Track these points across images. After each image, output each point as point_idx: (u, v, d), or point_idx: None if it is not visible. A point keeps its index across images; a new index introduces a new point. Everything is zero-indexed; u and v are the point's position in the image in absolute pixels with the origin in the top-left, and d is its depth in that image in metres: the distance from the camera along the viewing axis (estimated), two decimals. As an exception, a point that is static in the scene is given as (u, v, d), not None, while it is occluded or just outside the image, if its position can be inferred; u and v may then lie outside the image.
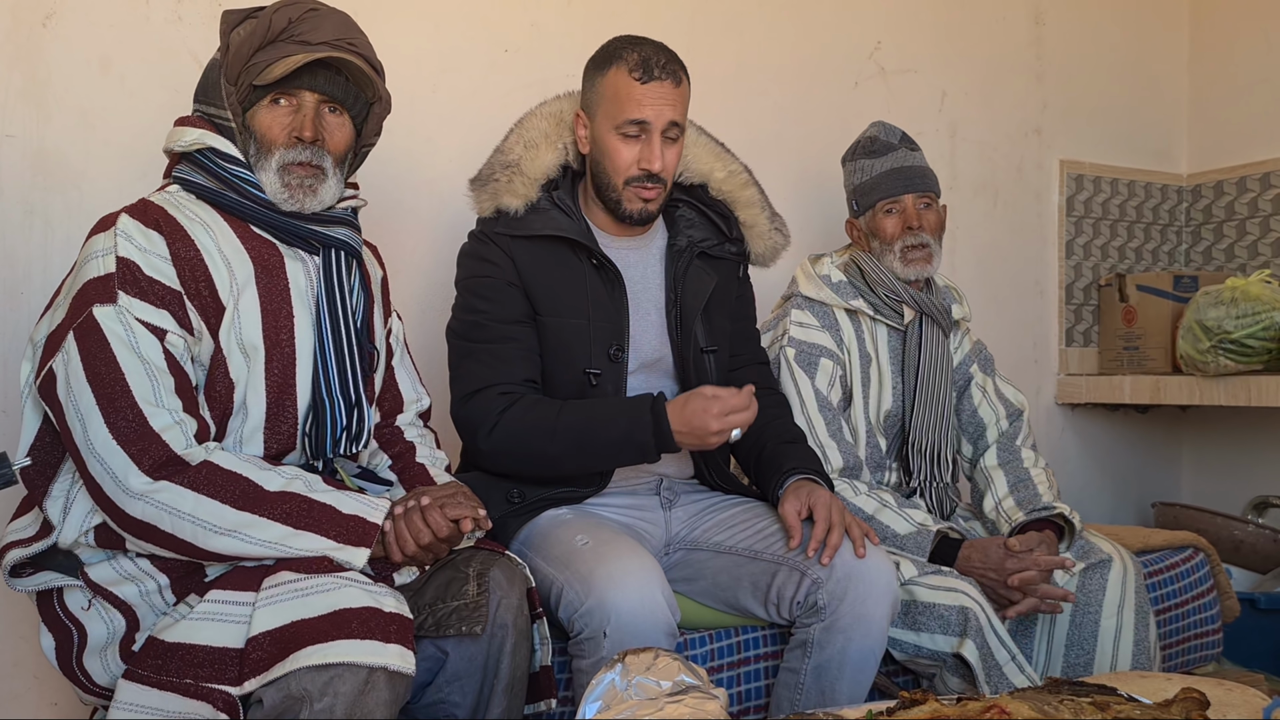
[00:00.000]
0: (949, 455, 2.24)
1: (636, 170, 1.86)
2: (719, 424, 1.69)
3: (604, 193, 1.91)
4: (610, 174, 1.88)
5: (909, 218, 2.19)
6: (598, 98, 1.87)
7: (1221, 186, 3.32)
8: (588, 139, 1.91)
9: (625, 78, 1.84)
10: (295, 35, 1.55)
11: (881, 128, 2.26)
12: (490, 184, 1.92)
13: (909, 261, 2.19)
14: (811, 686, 1.78)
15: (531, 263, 1.88)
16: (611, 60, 1.86)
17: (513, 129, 1.98)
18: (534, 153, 1.91)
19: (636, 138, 1.85)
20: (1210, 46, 3.37)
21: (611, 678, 1.20)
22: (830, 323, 2.19)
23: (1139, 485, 3.37)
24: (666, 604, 1.65)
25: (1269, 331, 2.68)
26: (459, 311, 1.93)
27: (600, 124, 1.87)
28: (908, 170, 2.20)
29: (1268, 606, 2.69)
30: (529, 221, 1.89)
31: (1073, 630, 2.03)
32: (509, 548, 1.80)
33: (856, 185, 2.25)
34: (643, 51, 1.86)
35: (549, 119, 1.96)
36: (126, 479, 1.41)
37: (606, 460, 1.83)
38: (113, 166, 2.06)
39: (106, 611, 1.49)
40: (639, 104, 1.83)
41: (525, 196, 1.89)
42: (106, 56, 2.07)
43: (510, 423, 1.79)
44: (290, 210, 1.59)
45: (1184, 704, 1.28)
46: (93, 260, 1.49)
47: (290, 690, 1.29)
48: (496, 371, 1.84)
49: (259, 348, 1.55)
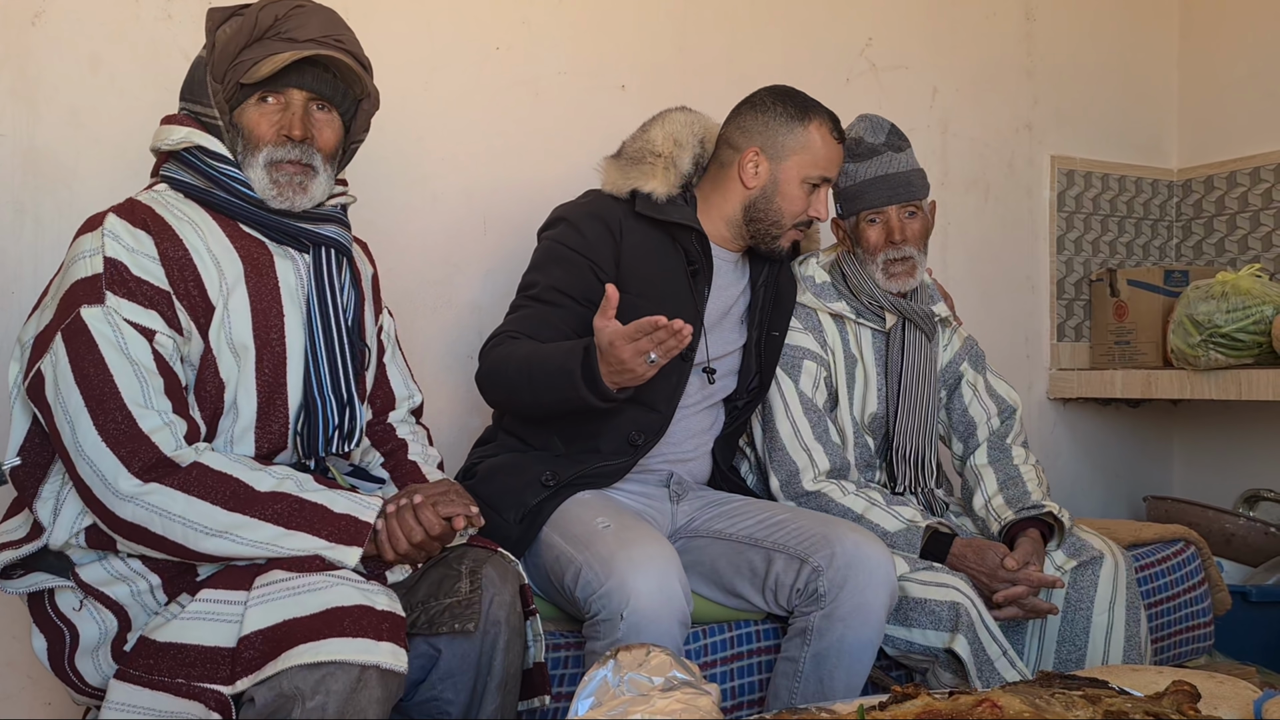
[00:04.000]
0: (933, 461, 2.22)
1: (806, 217, 2.05)
2: (630, 349, 1.68)
3: (763, 226, 2.04)
4: (782, 213, 2.03)
5: (892, 230, 2.14)
6: (793, 144, 2.01)
7: (1212, 181, 3.33)
8: (758, 175, 2.01)
9: (827, 136, 2.03)
10: (282, 32, 1.54)
11: (867, 125, 2.20)
12: (642, 165, 2.01)
13: (891, 275, 2.15)
14: (810, 675, 1.81)
15: (641, 246, 1.98)
16: (810, 115, 2.03)
17: (652, 124, 2.08)
18: (681, 151, 2.04)
19: (816, 188, 2.03)
20: (1200, 42, 3.38)
21: (604, 674, 1.20)
22: (814, 324, 2.18)
23: (1131, 479, 3.38)
24: (683, 592, 1.70)
25: (1259, 325, 2.69)
26: (531, 265, 2.03)
27: (788, 169, 2.02)
28: (892, 179, 2.14)
29: (1259, 599, 2.71)
30: (665, 209, 1.99)
31: (1064, 626, 2.03)
32: (539, 533, 1.83)
33: (841, 189, 2.21)
34: (830, 114, 2.06)
35: (686, 127, 2.07)
36: (116, 481, 1.40)
37: (545, 390, 1.81)
38: (103, 165, 2.06)
39: (98, 612, 1.49)
40: (832, 163, 2.05)
41: (670, 187, 2.00)
42: (96, 55, 2.07)
43: (494, 354, 1.88)
44: (280, 208, 1.58)
45: (1175, 697, 1.28)
46: (80, 260, 1.49)
47: (282, 689, 1.29)
48: (524, 324, 1.91)
49: (249, 347, 1.55)
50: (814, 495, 2.08)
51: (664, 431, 1.99)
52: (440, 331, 2.41)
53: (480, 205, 2.44)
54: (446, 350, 2.41)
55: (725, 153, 2.05)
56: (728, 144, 2.05)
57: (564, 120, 2.51)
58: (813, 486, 2.09)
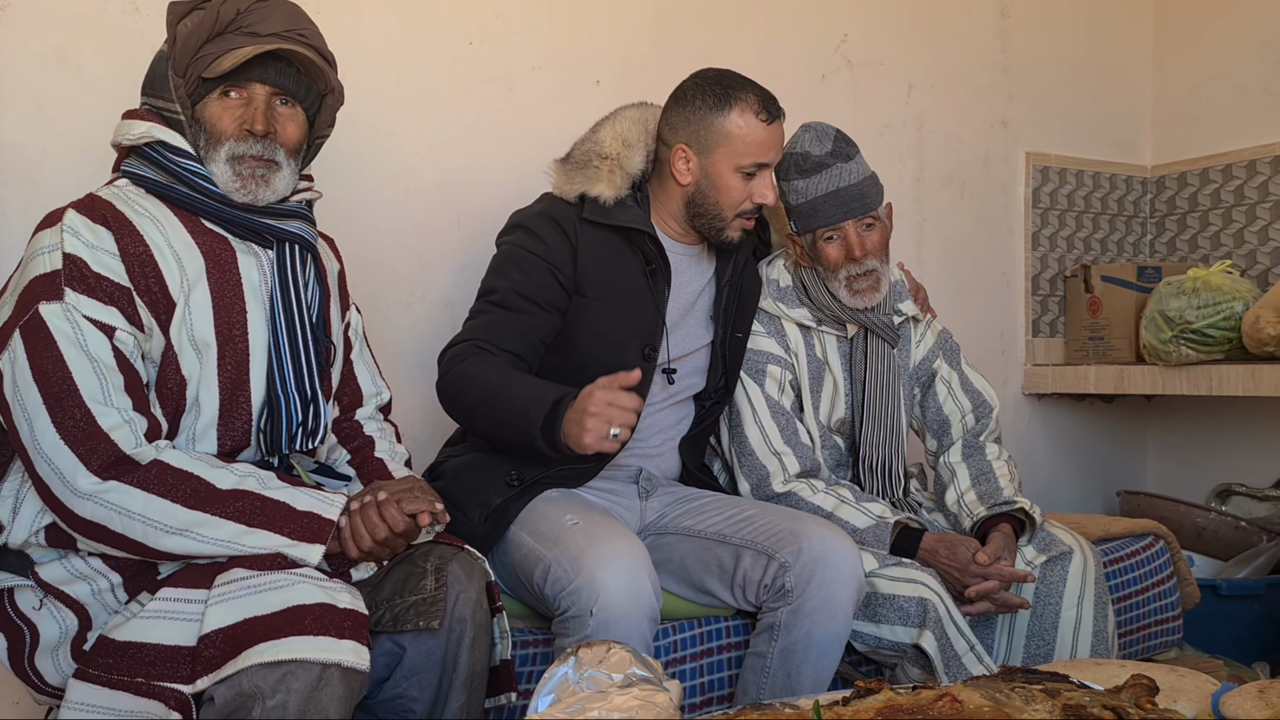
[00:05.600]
0: (900, 469, 2.21)
1: (750, 204, 1.98)
2: (590, 423, 1.65)
3: (706, 220, 2.00)
4: (722, 206, 1.98)
5: (851, 247, 2.06)
6: (716, 136, 1.94)
7: (1185, 178, 3.35)
8: (689, 170, 1.97)
9: (752, 120, 1.94)
10: (244, 26, 1.53)
11: (812, 135, 2.09)
12: (588, 169, 1.98)
13: (856, 292, 2.09)
14: (778, 670, 1.82)
15: (596, 248, 1.95)
16: (731, 101, 1.94)
17: (603, 124, 2.04)
18: (630, 152, 2.00)
19: (753, 175, 1.95)
20: (1174, 39, 3.40)
21: (565, 671, 1.21)
22: (776, 329, 2.16)
23: (1105, 474, 3.40)
24: (652, 588, 1.70)
25: (1229, 321, 2.71)
26: (490, 271, 2.00)
27: (718, 162, 1.95)
28: (845, 194, 2.05)
29: (1229, 593, 2.72)
30: (614, 212, 1.96)
31: (1034, 621, 2.04)
32: (506, 532, 1.82)
33: (793, 207, 2.10)
34: (756, 91, 1.96)
35: (638, 124, 2.03)
36: (75, 479, 1.39)
37: (502, 425, 1.79)
38: (69, 160, 2.04)
39: (58, 611, 1.48)
40: (766, 146, 1.95)
41: (618, 189, 1.97)
42: (62, 48, 2.05)
43: (460, 368, 1.84)
44: (243, 202, 1.57)
45: (1133, 690, 1.29)
46: (39, 256, 1.47)
47: (242, 688, 1.29)
48: (488, 331, 1.89)
49: (210, 344, 1.54)
50: (784, 496, 2.08)
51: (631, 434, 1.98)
52: (412, 328, 2.40)
53: (453, 201, 2.43)
54: (419, 346, 2.40)
55: (661, 149, 2.02)
56: (661, 141, 2.02)
57: (538, 116, 2.50)
58: (782, 488, 2.09)
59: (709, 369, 2.11)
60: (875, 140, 2.91)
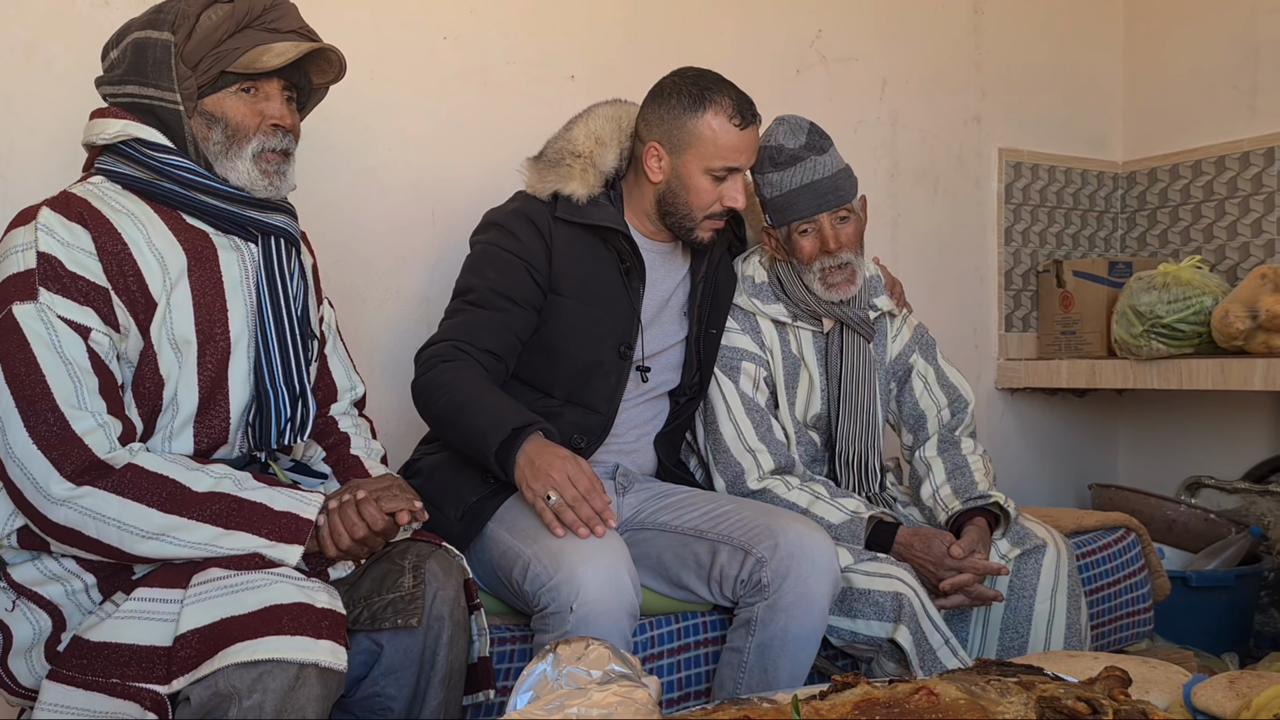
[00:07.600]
0: (877, 464, 2.22)
1: (720, 207, 1.98)
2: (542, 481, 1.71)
3: (676, 220, 2.00)
4: (692, 208, 1.97)
5: (826, 240, 2.06)
6: (688, 137, 1.94)
7: (1155, 174, 3.39)
8: (661, 169, 1.97)
9: (725, 124, 1.93)
10: (266, 23, 1.55)
11: (786, 129, 2.09)
12: (560, 168, 1.97)
13: (831, 285, 2.09)
14: (755, 665, 1.82)
15: (570, 246, 1.95)
16: (705, 103, 1.93)
17: (576, 122, 2.04)
18: (603, 150, 1.99)
19: (723, 178, 1.95)
20: (1145, 37, 3.43)
21: (543, 668, 1.20)
22: (751, 326, 2.17)
23: (1077, 468, 3.44)
24: (632, 584, 1.70)
25: (1199, 316, 2.74)
26: (464, 270, 2.00)
27: (689, 162, 1.95)
28: (819, 186, 2.05)
29: (1199, 584, 2.76)
30: (587, 211, 1.95)
31: (1008, 615, 2.06)
32: (484, 529, 1.82)
33: (768, 200, 2.10)
34: (732, 95, 1.95)
35: (611, 121, 2.03)
36: (48, 485, 1.38)
37: (460, 439, 1.82)
38: (38, 156, 2.02)
39: (32, 612, 1.46)
40: (738, 151, 1.94)
41: (591, 188, 1.97)
42: (31, 42, 2.02)
43: (434, 374, 1.84)
44: (265, 197, 1.58)
45: (1107, 682, 1.31)
46: (12, 255, 1.45)
47: (219, 688, 1.28)
48: (466, 331, 1.89)
49: (191, 341, 1.52)
50: (759, 494, 2.09)
51: (607, 433, 2.00)
52: (387, 323, 2.39)
53: (428, 196, 2.43)
54: (394, 342, 2.39)
55: (636, 146, 2.02)
56: (636, 137, 2.02)
57: (512, 111, 2.49)
58: (757, 485, 2.10)
59: (684, 365, 2.11)
60: (849, 136, 2.92)
